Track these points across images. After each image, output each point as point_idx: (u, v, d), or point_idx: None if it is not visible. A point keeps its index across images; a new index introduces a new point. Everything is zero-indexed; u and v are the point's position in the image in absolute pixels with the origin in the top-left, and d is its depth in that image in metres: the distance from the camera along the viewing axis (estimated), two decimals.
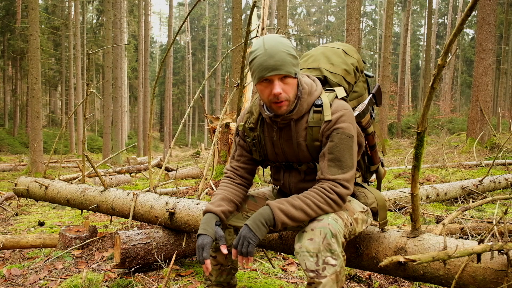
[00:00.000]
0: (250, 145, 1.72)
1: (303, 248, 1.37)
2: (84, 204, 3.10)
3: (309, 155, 1.58)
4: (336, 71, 1.69)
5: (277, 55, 1.44)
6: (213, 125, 5.71)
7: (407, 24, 24.84)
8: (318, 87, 1.59)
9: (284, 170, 1.70)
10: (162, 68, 19.04)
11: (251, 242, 1.41)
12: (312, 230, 1.38)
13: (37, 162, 9.10)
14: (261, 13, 6.71)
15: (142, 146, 23.03)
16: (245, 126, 1.71)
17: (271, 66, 1.44)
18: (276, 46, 1.45)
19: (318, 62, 1.74)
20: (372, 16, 45.19)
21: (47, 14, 24.87)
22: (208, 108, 38.82)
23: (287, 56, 1.45)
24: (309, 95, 1.55)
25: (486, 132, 9.09)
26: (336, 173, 1.48)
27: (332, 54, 1.75)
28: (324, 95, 1.57)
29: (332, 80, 1.68)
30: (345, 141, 1.49)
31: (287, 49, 1.46)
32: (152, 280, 2.28)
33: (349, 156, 1.49)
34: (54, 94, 31.51)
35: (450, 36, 1.20)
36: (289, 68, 1.46)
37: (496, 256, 1.33)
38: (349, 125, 1.50)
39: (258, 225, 1.42)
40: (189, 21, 40.10)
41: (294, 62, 1.48)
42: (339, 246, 1.36)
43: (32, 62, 9.30)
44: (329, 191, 1.45)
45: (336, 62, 1.72)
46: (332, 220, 1.40)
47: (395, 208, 3.84)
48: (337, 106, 1.53)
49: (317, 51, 1.81)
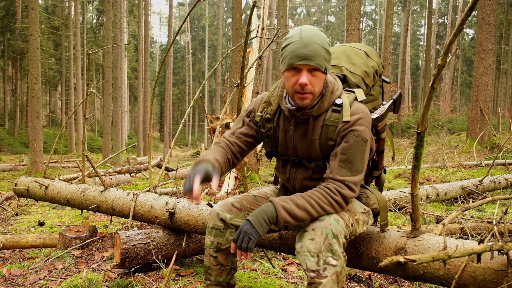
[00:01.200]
0: (264, 136, 1.70)
1: (304, 248, 1.36)
2: (84, 204, 3.10)
3: (321, 153, 1.58)
4: (356, 72, 1.68)
5: (311, 45, 1.42)
6: (213, 125, 5.71)
7: (407, 24, 24.85)
8: (339, 87, 1.58)
9: (292, 165, 1.68)
10: (162, 68, 19.04)
11: (252, 238, 1.40)
12: (313, 230, 1.38)
13: (37, 162, 9.10)
14: (261, 13, 6.71)
15: (142, 146, 23.02)
16: (262, 117, 1.68)
17: (303, 55, 1.42)
18: (312, 37, 1.44)
19: (338, 60, 1.73)
20: (372, 16, 45.18)
21: (47, 14, 24.87)
22: (208, 108, 38.80)
23: (321, 49, 1.44)
24: (331, 93, 1.55)
25: (486, 132, 9.09)
26: (346, 174, 1.47)
27: (354, 54, 1.74)
28: (345, 96, 1.56)
29: (351, 80, 1.67)
30: (359, 144, 1.48)
31: (322, 43, 1.45)
32: (152, 280, 2.28)
33: (360, 160, 1.49)
34: (54, 94, 31.51)
35: (450, 36, 1.20)
36: (320, 62, 1.44)
37: (496, 256, 1.33)
38: (365, 128, 1.50)
39: (260, 222, 1.41)
40: (189, 21, 40.09)
41: (327, 57, 1.47)
42: (340, 247, 1.36)
43: (32, 62, 9.29)
44: (334, 193, 1.44)
45: (357, 62, 1.71)
46: (333, 221, 1.40)
47: (395, 208, 3.84)
48: (357, 108, 1.52)
49: (338, 49, 1.79)
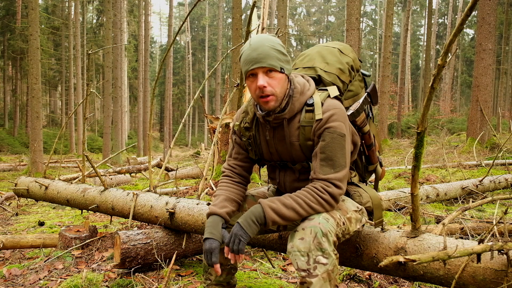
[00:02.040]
0: (246, 144, 1.72)
1: (294, 248, 1.37)
2: (84, 204, 3.10)
3: (303, 154, 1.58)
4: (330, 70, 1.69)
5: (260, 48, 1.45)
6: (213, 125, 5.71)
7: (407, 24, 24.85)
8: (311, 87, 1.58)
9: (280, 169, 1.70)
10: (162, 68, 19.04)
11: (242, 239, 1.41)
12: (303, 229, 1.39)
13: (37, 162, 9.10)
14: (261, 13, 6.71)
15: (142, 146, 23.04)
16: (241, 126, 1.71)
17: (254, 59, 1.45)
18: (261, 41, 1.46)
19: (313, 61, 1.74)
20: (372, 16, 45.19)
21: (47, 14, 24.87)
22: (208, 108, 38.81)
23: (271, 50, 1.45)
24: (302, 94, 1.55)
25: (486, 132, 9.09)
26: (329, 172, 1.47)
27: (328, 53, 1.74)
28: (316, 95, 1.57)
29: (326, 79, 1.67)
30: (337, 140, 1.48)
31: (272, 44, 1.46)
32: (152, 280, 2.28)
33: (341, 155, 1.49)
34: (54, 94, 31.51)
35: (450, 36, 1.20)
36: (272, 62, 1.45)
37: (496, 256, 1.33)
38: (340, 123, 1.49)
39: (249, 223, 1.43)
40: (189, 21, 40.10)
41: (281, 57, 1.48)
42: (330, 245, 1.36)
43: (32, 62, 9.30)
44: (321, 191, 1.45)
45: (331, 61, 1.71)
46: (323, 219, 1.40)
47: (395, 208, 3.83)
48: (329, 105, 1.52)
49: (313, 50, 1.81)
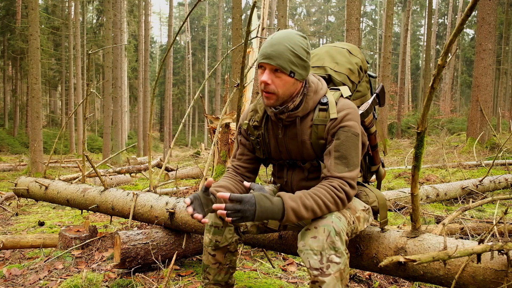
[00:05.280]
0: (254, 143, 1.71)
1: (306, 246, 1.36)
2: (84, 204, 3.10)
3: (314, 153, 1.58)
4: (340, 70, 1.70)
5: (276, 46, 1.43)
6: (213, 125, 5.71)
7: (407, 24, 24.85)
8: (323, 86, 1.59)
9: (288, 168, 1.69)
10: (162, 68, 19.04)
11: (243, 220, 1.34)
12: (315, 228, 1.37)
13: (37, 162, 9.09)
14: (261, 13, 6.70)
15: (142, 146, 23.03)
16: (250, 124, 1.70)
17: (267, 54, 1.44)
18: (281, 39, 1.45)
19: (322, 61, 1.74)
20: (372, 16, 45.18)
21: (47, 14, 24.87)
22: (208, 108, 38.80)
23: (287, 51, 1.43)
24: (315, 93, 1.56)
25: (486, 132, 9.09)
26: (343, 171, 1.47)
27: (337, 53, 1.75)
28: (330, 94, 1.57)
29: (337, 79, 1.68)
30: (351, 139, 1.48)
31: (291, 46, 1.44)
32: (152, 280, 2.28)
33: (355, 154, 1.49)
34: (54, 94, 31.51)
35: (450, 36, 1.20)
36: (282, 63, 1.43)
37: (496, 256, 1.33)
38: (355, 123, 1.50)
39: (261, 218, 1.36)
40: (189, 21, 40.10)
41: (296, 61, 1.45)
42: (342, 244, 1.36)
43: (32, 62, 9.29)
44: (338, 190, 1.44)
45: (341, 61, 1.72)
46: (335, 218, 1.40)
47: (395, 208, 3.84)
48: (343, 104, 1.53)
49: (321, 50, 1.81)
